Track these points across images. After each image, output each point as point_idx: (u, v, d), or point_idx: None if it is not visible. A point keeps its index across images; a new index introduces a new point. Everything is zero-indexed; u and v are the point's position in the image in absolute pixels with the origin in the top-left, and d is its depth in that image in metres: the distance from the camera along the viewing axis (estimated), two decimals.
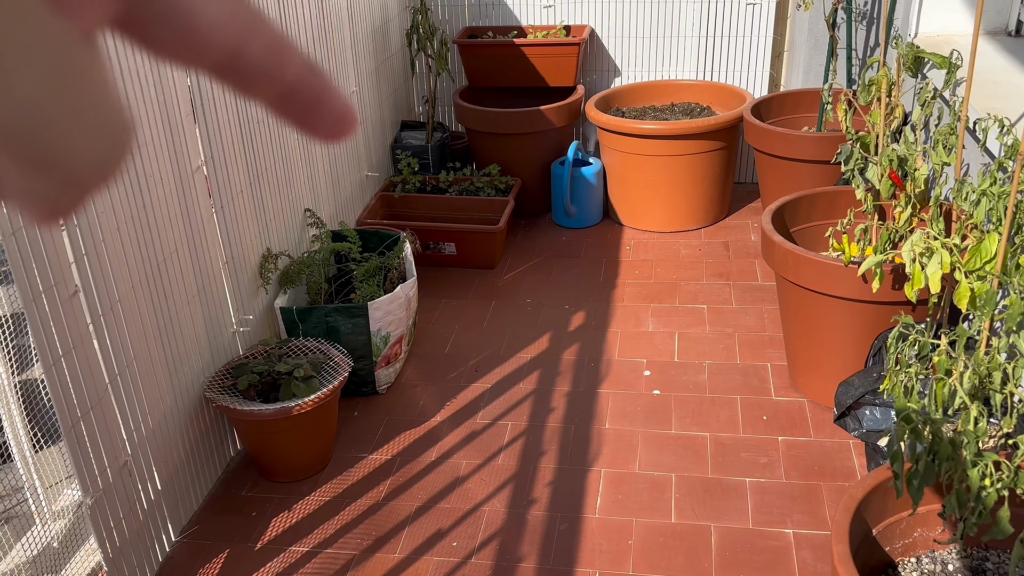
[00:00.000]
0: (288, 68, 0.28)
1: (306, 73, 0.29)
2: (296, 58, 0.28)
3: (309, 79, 0.29)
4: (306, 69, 0.29)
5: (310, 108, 0.29)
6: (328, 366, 2.48)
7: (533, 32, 4.03)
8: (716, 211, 3.78)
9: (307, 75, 0.29)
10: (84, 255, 1.85)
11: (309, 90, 0.29)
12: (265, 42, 0.28)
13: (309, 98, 0.29)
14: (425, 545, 2.19)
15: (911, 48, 2.32)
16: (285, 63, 0.28)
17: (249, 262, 2.59)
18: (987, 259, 1.70)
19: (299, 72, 0.28)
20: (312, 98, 0.29)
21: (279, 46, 0.28)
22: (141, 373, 2.07)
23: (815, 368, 2.60)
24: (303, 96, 0.29)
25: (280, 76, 0.28)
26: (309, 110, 0.29)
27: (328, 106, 0.29)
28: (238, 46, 0.27)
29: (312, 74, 0.29)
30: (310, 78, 0.29)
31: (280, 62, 0.28)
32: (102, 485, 1.93)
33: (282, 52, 0.28)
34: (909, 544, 1.68)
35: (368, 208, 3.58)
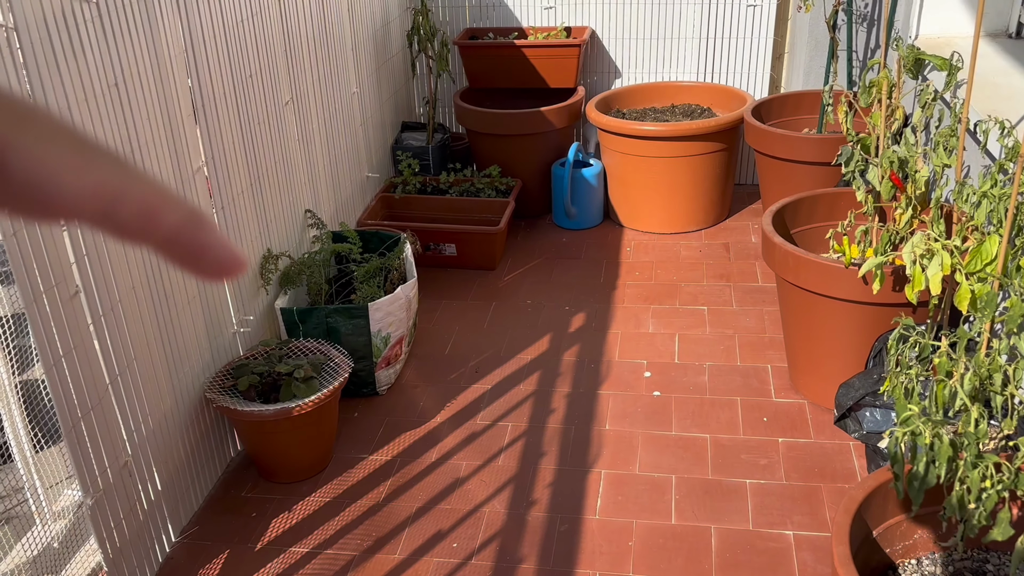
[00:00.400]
0: (160, 227, 0.30)
1: (184, 227, 0.30)
2: (171, 216, 0.30)
3: (188, 232, 0.30)
4: (185, 223, 0.30)
5: (190, 257, 0.31)
6: (328, 367, 2.48)
7: (534, 33, 4.03)
8: (716, 212, 3.79)
9: (185, 229, 0.30)
10: (85, 255, 1.85)
11: (188, 242, 0.31)
12: (134, 206, 0.30)
13: (188, 249, 0.31)
14: (425, 546, 2.19)
15: (912, 50, 2.32)
16: (157, 223, 0.30)
17: (250, 263, 2.59)
18: (988, 261, 1.70)
19: (174, 227, 0.30)
20: (192, 248, 0.31)
21: (150, 208, 0.30)
22: (142, 373, 2.07)
23: (815, 369, 2.60)
24: (181, 247, 0.31)
25: (153, 233, 0.30)
26: (189, 258, 0.31)
27: (210, 254, 0.31)
28: (105, 211, 0.29)
29: (192, 226, 0.30)
30: (189, 231, 0.30)
31: (152, 222, 0.30)
32: (102, 485, 1.93)
33: (153, 214, 0.30)
34: (910, 546, 1.68)
35: (368, 209, 3.58)
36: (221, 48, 2.39)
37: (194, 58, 2.26)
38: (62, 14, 1.76)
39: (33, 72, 1.68)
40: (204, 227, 0.31)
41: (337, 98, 3.24)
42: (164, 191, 0.31)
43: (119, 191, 0.29)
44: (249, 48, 2.55)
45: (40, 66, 1.70)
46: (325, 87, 3.12)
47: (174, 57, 2.17)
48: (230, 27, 2.44)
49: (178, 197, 0.31)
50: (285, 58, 2.80)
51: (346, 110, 3.35)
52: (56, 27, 1.75)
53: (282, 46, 2.78)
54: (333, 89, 3.20)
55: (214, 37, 2.36)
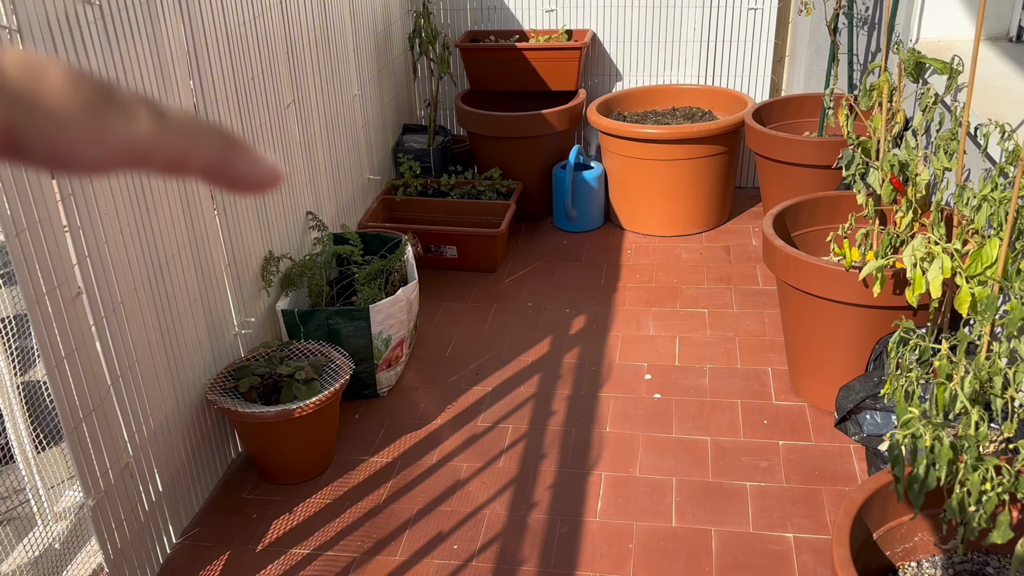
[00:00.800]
0: (192, 167, 0.32)
1: (216, 162, 0.32)
2: (201, 157, 0.32)
3: (220, 165, 0.33)
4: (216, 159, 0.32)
5: (228, 183, 0.33)
6: (329, 369, 2.48)
7: (535, 36, 4.04)
8: (717, 215, 3.79)
9: (217, 164, 0.32)
10: (87, 257, 1.86)
11: (223, 173, 0.33)
12: (163, 157, 0.31)
13: (224, 178, 0.33)
14: (426, 548, 2.19)
15: (912, 53, 2.33)
16: (188, 165, 0.32)
17: (251, 264, 2.60)
18: (988, 264, 1.71)
19: (206, 165, 0.32)
20: (228, 177, 0.33)
21: (178, 156, 0.31)
22: (143, 375, 2.07)
23: (816, 372, 2.60)
24: (217, 177, 0.33)
25: (187, 172, 0.32)
26: (227, 184, 0.33)
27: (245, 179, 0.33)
28: (135, 166, 0.31)
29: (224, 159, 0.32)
30: (221, 165, 0.32)
31: (183, 166, 0.32)
32: (103, 486, 1.93)
33: (182, 160, 0.31)
34: (910, 548, 1.69)
35: (370, 211, 3.59)
36: (223, 50, 2.40)
37: (196, 60, 2.27)
38: (65, 16, 1.76)
39: None
40: (236, 156, 0.33)
41: (339, 100, 3.25)
42: (192, 132, 0.32)
43: (144, 149, 0.30)
44: (251, 50, 2.56)
45: None
46: (327, 89, 3.13)
47: (176, 59, 2.18)
48: (232, 29, 2.45)
49: (208, 131, 0.32)
50: (287, 60, 2.80)
51: (347, 112, 3.35)
52: (59, 29, 1.75)
53: (284, 48, 2.78)
54: (335, 91, 3.21)
55: (216, 39, 2.36)
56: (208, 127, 0.32)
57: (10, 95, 0.28)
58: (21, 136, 0.28)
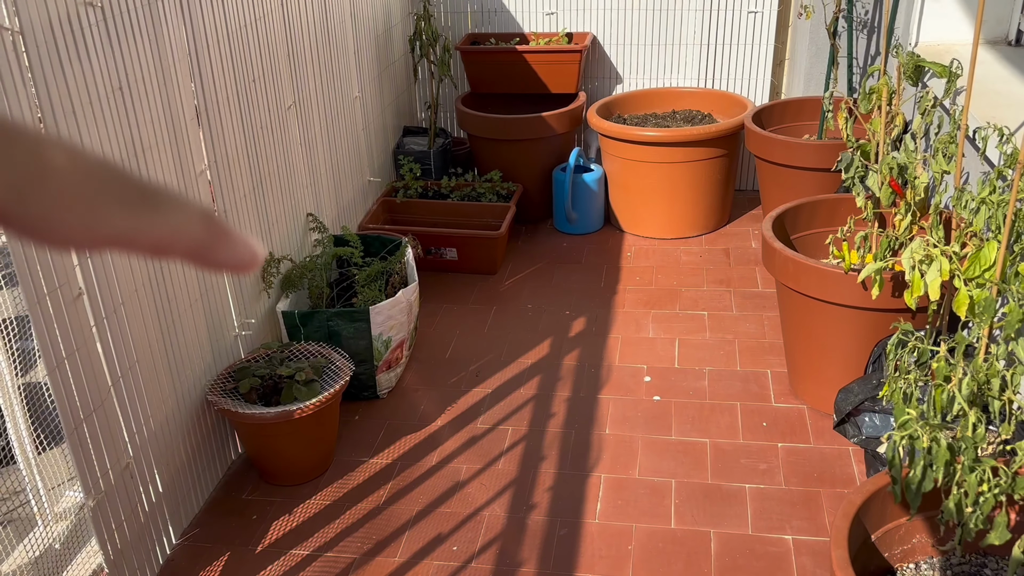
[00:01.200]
0: (174, 254, 0.33)
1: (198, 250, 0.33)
2: (182, 246, 0.33)
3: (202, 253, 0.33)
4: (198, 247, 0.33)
5: (208, 267, 0.34)
6: (329, 370, 2.49)
7: (535, 39, 4.05)
8: (717, 218, 3.80)
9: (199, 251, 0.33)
10: (88, 258, 1.86)
11: (203, 259, 0.34)
12: (147, 245, 0.32)
13: (205, 263, 0.34)
14: (425, 549, 2.20)
15: (911, 57, 2.34)
16: (170, 253, 0.33)
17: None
18: (986, 267, 1.71)
19: (187, 253, 0.33)
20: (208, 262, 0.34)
21: (162, 244, 0.32)
22: (144, 376, 2.08)
23: (815, 375, 2.60)
24: (198, 263, 0.34)
25: (171, 254, 0.33)
26: (207, 268, 0.34)
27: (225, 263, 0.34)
28: (120, 249, 0.32)
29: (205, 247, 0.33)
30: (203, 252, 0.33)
31: (166, 253, 0.33)
32: (104, 487, 1.94)
33: (166, 248, 0.32)
34: (908, 550, 1.69)
35: (370, 213, 3.59)
36: (224, 52, 2.41)
37: (198, 62, 2.28)
38: (67, 18, 1.77)
39: (38, 75, 1.69)
40: (218, 243, 0.33)
41: (339, 102, 3.26)
42: (179, 220, 0.32)
43: (130, 239, 0.31)
44: (252, 53, 2.57)
45: (45, 69, 1.71)
46: (327, 92, 3.14)
47: (178, 61, 2.18)
48: (233, 32, 2.45)
49: (194, 217, 0.33)
50: (288, 63, 2.81)
51: (348, 114, 3.36)
52: (61, 31, 1.76)
53: (285, 51, 2.79)
54: (335, 94, 3.21)
55: (218, 42, 2.37)
56: (195, 212, 0.33)
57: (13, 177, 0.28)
58: (12, 216, 0.28)
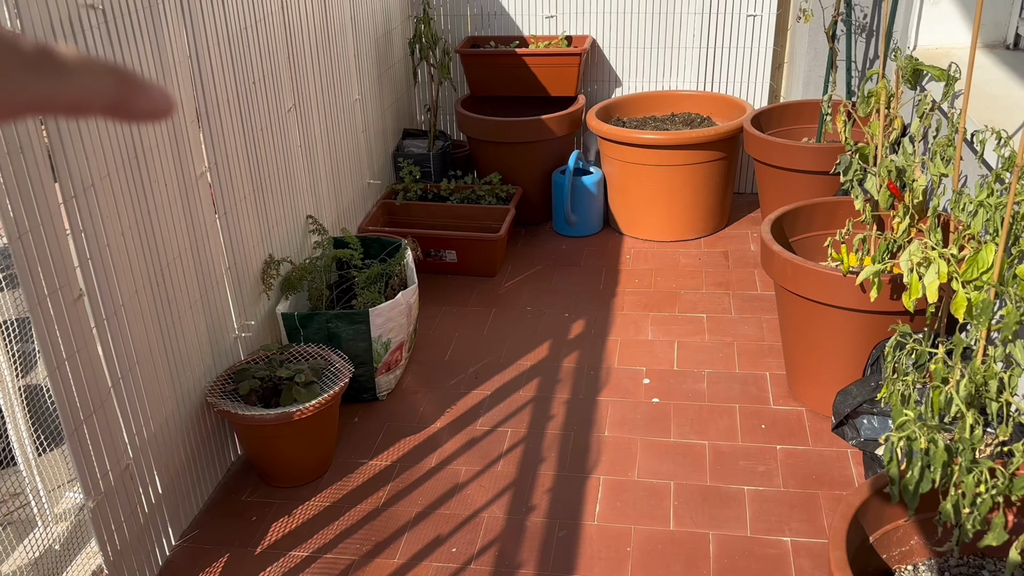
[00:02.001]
0: (92, 112, 0.33)
1: (115, 105, 0.34)
2: (98, 103, 0.33)
3: (119, 107, 0.34)
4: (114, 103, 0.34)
5: (128, 119, 0.35)
6: (329, 372, 2.49)
7: (535, 42, 4.06)
8: (716, 221, 3.80)
9: (116, 106, 0.34)
10: (89, 259, 1.87)
11: (122, 112, 0.34)
12: (63, 107, 0.32)
13: (124, 116, 0.34)
14: (424, 551, 2.20)
15: (910, 60, 2.34)
16: (88, 111, 0.33)
17: (251, 268, 2.61)
18: (984, 269, 1.72)
19: (105, 109, 0.34)
20: (127, 114, 0.34)
21: (78, 105, 0.33)
22: (144, 377, 2.08)
23: (813, 377, 2.61)
24: (117, 116, 0.34)
25: (89, 112, 0.33)
26: (128, 119, 0.35)
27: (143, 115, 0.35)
28: (38, 114, 0.32)
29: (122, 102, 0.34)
30: (120, 106, 0.34)
31: (83, 112, 0.33)
32: (104, 488, 1.94)
33: (82, 108, 0.33)
34: (906, 552, 1.69)
35: (370, 215, 3.60)
36: (225, 55, 2.41)
37: (198, 65, 2.28)
38: (68, 20, 1.78)
39: None
40: (132, 93, 0.34)
41: (339, 105, 3.26)
42: (91, 79, 0.32)
43: (46, 102, 0.31)
44: (252, 55, 2.57)
45: None
46: (327, 94, 3.15)
47: (178, 63, 2.19)
48: (234, 34, 2.46)
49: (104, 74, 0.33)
50: (288, 65, 2.82)
51: (348, 117, 3.37)
52: (62, 33, 1.77)
53: (285, 53, 2.80)
54: (335, 96, 3.22)
55: (218, 44, 2.38)
56: (104, 69, 0.33)
57: None
58: None
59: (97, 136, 1.88)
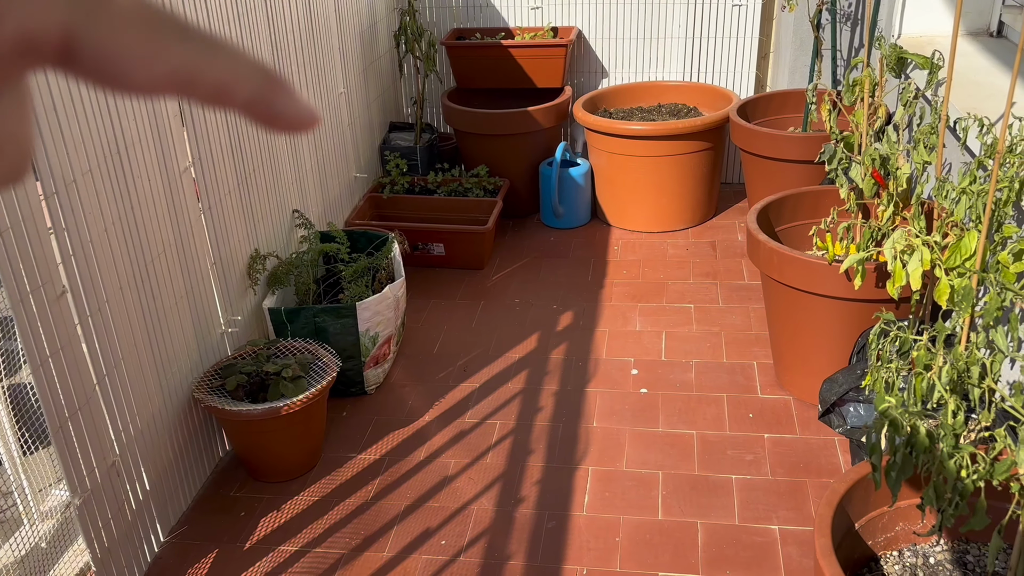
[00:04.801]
0: (234, 100, 0.32)
1: (257, 99, 0.32)
2: (243, 91, 0.32)
3: (261, 103, 0.32)
4: (257, 96, 0.32)
5: (265, 121, 0.33)
6: (316, 366, 2.49)
7: (521, 34, 4.05)
8: (703, 211, 3.81)
9: (258, 100, 0.32)
10: (71, 255, 1.86)
11: (262, 111, 0.33)
12: (207, 87, 0.31)
13: (263, 115, 0.33)
14: (414, 544, 2.20)
15: (894, 49, 2.35)
16: (230, 98, 0.32)
17: (237, 263, 2.60)
18: (967, 256, 1.73)
19: (247, 100, 0.32)
20: (266, 114, 0.33)
21: (222, 87, 0.31)
22: (129, 374, 2.07)
23: (800, 366, 2.62)
24: (256, 114, 0.33)
25: (228, 104, 0.32)
26: (264, 122, 0.33)
27: (283, 119, 0.33)
28: (179, 92, 0.31)
29: (265, 97, 0.32)
30: (262, 102, 0.32)
31: (226, 97, 0.32)
32: (90, 486, 1.93)
33: (226, 91, 0.32)
34: (891, 538, 1.70)
35: (356, 209, 3.59)
36: None
37: None
38: None
39: None
40: (277, 94, 0.33)
41: (324, 98, 3.25)
42: (239, 66, 0.32)
43: (191, 76, 0.30)
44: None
45: None
46: (312, 87, 3.13)
47: None
48: (216, 27, 2.45)
49: (252, 65, 0.32)
50: (272, 58, 2.80)
51: (333, 110, 3.35)
52: None
53: (269, 46, 2.78)
54: (320, 89, 3.21)
55: None
56: (254, 61, 0.32)
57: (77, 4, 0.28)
58: (78, 44, 0.28)
59: (78, 131, 1.86)
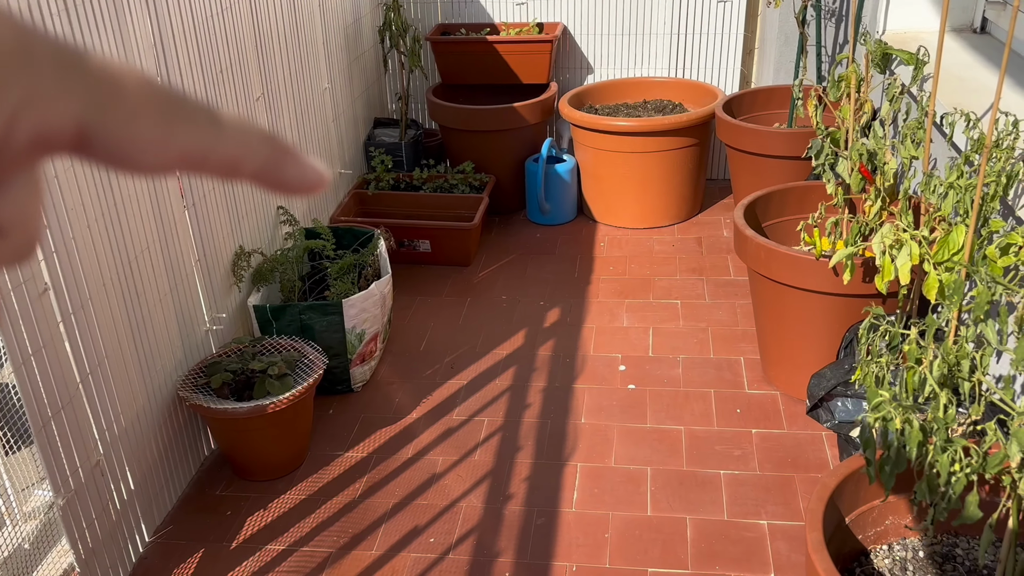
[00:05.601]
0: (243, 174, 0.33)
1: (265, 171, 0.34)
2: (252, 165, 0.33)
3: (270, 174, 0.34)
4: (265, 168, 0.34)
5: (275, 188, 0.35)
6: (302, 364, 2.47)
7: (506, 29, 4.03)
8: (689, 207, 3.81)
9: (266, 172, 0.34)
10: (54, 252, 1.83)
11: (271, 180, 0.34)
12: (217, 165, 0.33)
13: (272, 184, 0.34)
14: (402, 542, 2.19)
15: (879, 45, 2.35)
16: (239, 173, 0.33)
17: (221, 260, 2.57)
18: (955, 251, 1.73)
19: (255, 173, 0.34)
20: (275, 183, 0.34)
21: (232, 163, 0.33)
22: (113, 372, 2.05)
23: (787, 361, 2.62)
24: (265, 184, 0.34)
25: (240, 175, 0.33)
26: (274, 189, 0.35)
27: (292, 185, 0.35)
28: (190, 171, 0.32)
29: (273, 168, 0.34)
30: (271, 173, 0.34)
31: (235, 173, 0.33)
32: (74, 485, 1.91)
33: (235, 167, 0.33)
34: (881, 532, 1.71)
35: (341, 206, 3.56)
36: (191, 42, 2.37)
37: (163, 53, 2.24)
38: (27, 6, 1.73)
39: None
40: (285, 163, 0.34)
41: (309, 94, 3.23)
42: (246, 140, 0.33)
43: (202, 156, 0.32)
44: (219, 43, 2.53)
45: None
46: (296, 83, 3.11)
47: (143, 51, 2.15)
48: (200, 21, 2.42)
49: (259, 138, 0.33)
50: (256, 53, 2.78)
51: (318, 106, 3.33)
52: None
53: (253, 41, 2.76)
54: (304, 85, 3.18)
55: (183, 31, 2.34)
56: (259, 134, 0.34)
57: (91, 93, 0.29)
58: (92, 136, 0.29)
59: None
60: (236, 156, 0.33)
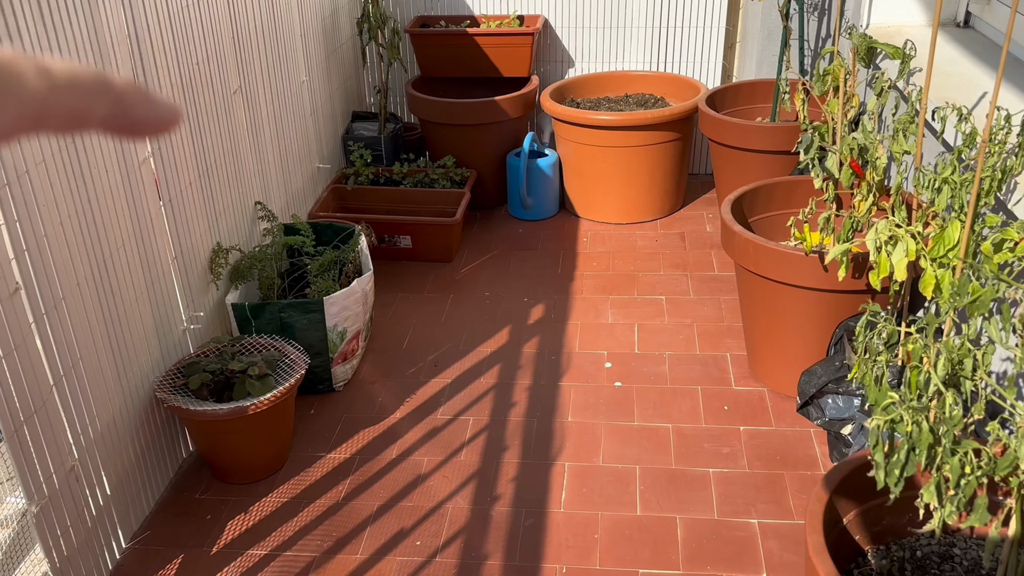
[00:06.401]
0: (90, 123, 0.32)
1: (114, 116, 0.33)
2: (98, 113, 0.32)
3: (118, 118, 0.33)
4: (113, 113, 0.33)
5: (128, 132, 0.34)
6: (283, 363, 2.41)
7: (486, 22, 3.98)
8: (671, 202, 3.79)
9: (115, 117, 0.33)
10: (25, 251, 1.76)
11: (122, 124, 0.33)
12: (60, 119, 0.31)
13: (124, 128, 0.33)
14: (388, 545, 2.14)
15: (864, 39, 2.33)
16: (86, 122, 0.32)
17: (199, 257, 2.51)
18: (950, 246, 1.71)
19: (104, 120, 0.32)
20: (127, 127, 0.33)
21: (75, 115, 0.31)
22: (88, 373, 1.98)
23: (775, 357, 2.60)
24: (117, 129, 0.33)
25: (86, 128, 0.32)
26: (128, 134, 0.34)
27: (144, 126, 0.34)
28: (33, 130, 0.31)
29: (121, 112, 0.33)
30: (119, 117, 0.33)
31: (81, 123, 0.32)
32: (48, 492, 1.84)
33: (80, 118, 0.32)
34: (878, 532, 1.69)
35: (320, 201, 3.50)
36: (166, 34, 2.30)
37: (138, 45, 2.17)
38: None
39: None
40: (132, 104, 0.33)
41: (286, 87, 3.16)
42: (84, 87, 0.31)
43: (39, 114, 0.30)
44: (195, 35, 2.46)
45: None
46: (274, 75, 3.04)
47: (117, 43, 2.07)
48: (175, 12, 2.35)
49: (99, 83, 0.32)
50: (233, 45, 2.70)
51: (295, 99, 3.26)
52: None
53: (229, 33, 2.68)
54: (282, 77, 3.11)
55: (159, 23, 2.26)
56: (96, 78, 0.32)
57: None
58: None
59: None
60: (77, 107, 0.31)
